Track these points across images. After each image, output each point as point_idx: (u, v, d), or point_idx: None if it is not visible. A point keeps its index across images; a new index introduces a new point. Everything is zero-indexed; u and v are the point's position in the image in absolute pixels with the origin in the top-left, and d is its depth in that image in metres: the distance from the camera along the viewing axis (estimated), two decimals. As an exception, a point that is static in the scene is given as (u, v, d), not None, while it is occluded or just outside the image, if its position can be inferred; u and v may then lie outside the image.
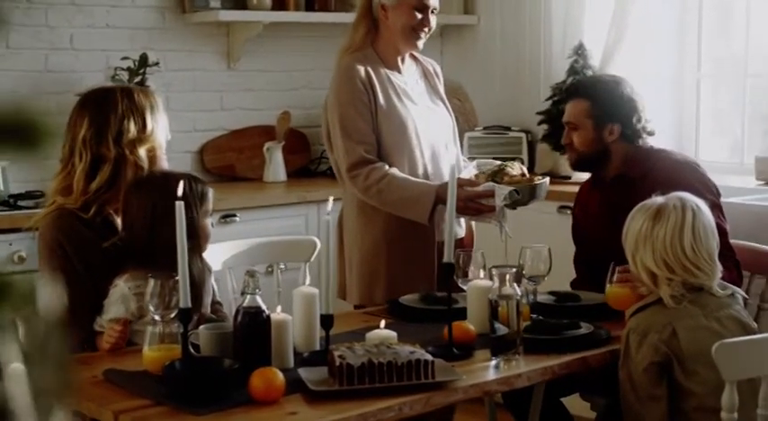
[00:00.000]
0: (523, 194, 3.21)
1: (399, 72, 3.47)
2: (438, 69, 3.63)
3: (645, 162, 3.26)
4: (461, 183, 3.13)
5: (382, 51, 3.45)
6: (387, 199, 3.29)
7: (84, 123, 2.78)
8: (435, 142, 3.43)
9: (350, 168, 3.32)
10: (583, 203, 3.49)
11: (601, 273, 2.94)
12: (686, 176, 3.18)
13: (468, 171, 3.40)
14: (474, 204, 3.21)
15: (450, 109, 3.60)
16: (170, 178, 2.69)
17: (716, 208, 3.07)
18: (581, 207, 3.50)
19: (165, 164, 2.88)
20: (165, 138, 2.89)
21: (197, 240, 2.71)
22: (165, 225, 2.47)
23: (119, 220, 2.81)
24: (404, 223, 3.31)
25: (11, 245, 3.89)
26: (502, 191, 3.18)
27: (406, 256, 3.38)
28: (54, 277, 2.72)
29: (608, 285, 2.87)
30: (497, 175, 3.28)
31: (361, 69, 3.37)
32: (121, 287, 2.65)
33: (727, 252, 2.98)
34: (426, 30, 3.41)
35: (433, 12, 3.42)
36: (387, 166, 3.30)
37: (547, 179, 3.32)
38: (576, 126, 3.32)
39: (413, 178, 3.32)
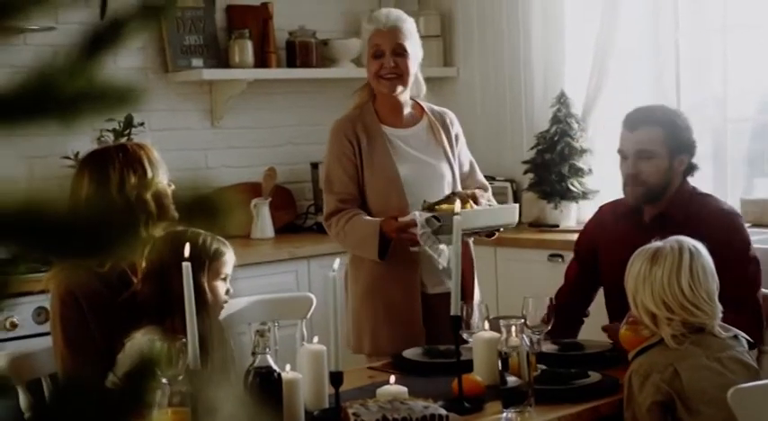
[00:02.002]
0: (446, 221, 3.11)
1: (399, 126, 3.51)
2: (449, 119, 3.63)
3: (690, 204, 3.19)
4: (393, 216, 3.27)
5: (379, 107, 3.53)
6: (348, 242, 3.43)
7: (83, 182, 2.76)
8: (425, 196, 3.39)
9: (326, 218, 3.48)
10: (610, 242, 3.29)
11: (621, 312, 2.91)
12: (736, 228, 3.15)
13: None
14: (407, 234, 3.22)
15: (457, 160, 3.58)
16: (182, 236, 2.68)
17: (756, 262, 3.11)
18: (608, 245, 3.30)
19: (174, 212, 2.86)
20: (169, 186, 2.88)
21: (202, 302, 2.69)
22: (176, 284, 2.45)
23: (134, 276, 2.79)
24: (388, 273, 3.36)
25: (1, 311, 3.83)
26: (420, 218, 3.17)
27: (390, 307, 3.40)
28: (68, 334, 2.69)
29: (622, 328, 2.86)
30: (440, 204, 3.25)
31: (350, 126, 3.47)
32: (138, 340, 2.61)
33: (754, 305, 3.01)
34: (391, 73, 3.43)
35: (399, 54, 3.43)
36: (355, 211, 3.38)
37: (491, 207, 3.29)
38: (649, 155, 3.18)
39: (369, 218, 3.36)
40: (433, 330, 3.38)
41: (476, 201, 3.31)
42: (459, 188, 3.53)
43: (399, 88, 3.46)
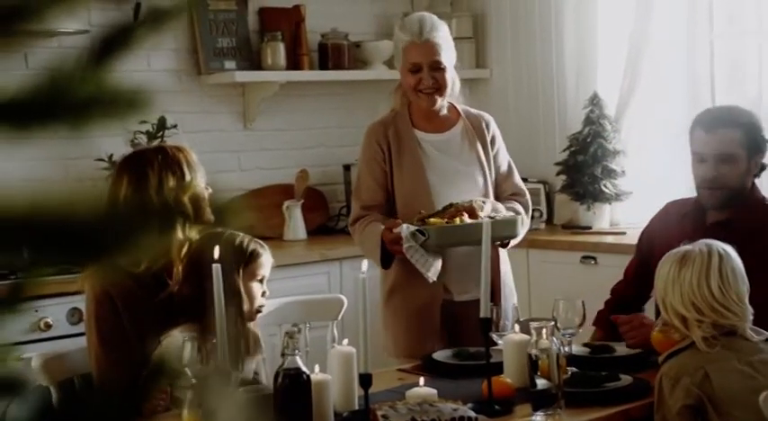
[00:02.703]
0: (432, 235, 3.11)
1: (432, 131, 3.49)
2: (485, 122, 3.58)
3: (756, 214, 3.10)
4: (387, 227, 3.26)
5: (414, 111, 3.50)
6: (362, 249, 3.45)
7: (123, 183, 2.79)
8: (450, 198, 3.34)
9: (350, 224, 3.51)
10: (667, 239, 3.08)
11: None
12: None
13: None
14: (397, 246, 3.21)
15: (492, 164, 3.52)
16: (219, 237, 2.71)
17: None
18: (664, 242, 3.09)
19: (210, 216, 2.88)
20: (207, 189, 2.90)
21: (238, 303, 2.70)
22: (209, 284, 2.47)
23: (172, 277, 2.81)
24: (412, 278, 3.31)
25: (36, 311, 3.88)
26: (406, 231, 3.14)
27: (409, 312, 3.40)
28: (102, 333, 2.71)
29: (654, 331, 2.84)
30: (435, 216, 3.21)
31: (382, 130, 3.46)
32: (175, 338, 2.63)
33: None
34: (429, 88, 3.39)
35: (436, 69, 3.38)
36: (374, 217, 3.38)
37: (480, 222, 3.09)
38: (730, 158, 3.08)
39: (376, 227, 3.33)
40: (456, 338, 3.34)
41: (472, 214, 3.19)
42: (492, 194, 3.47)
43: (439, 101, 3.44)
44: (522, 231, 3.40)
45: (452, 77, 3.46)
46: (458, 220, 3.15)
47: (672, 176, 4.87)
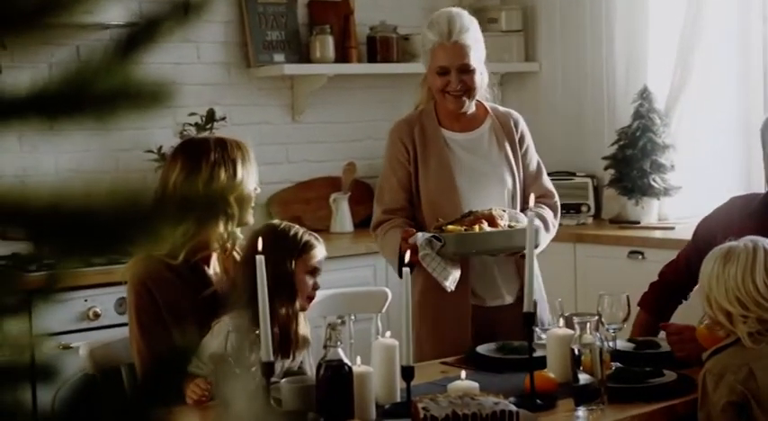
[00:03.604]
0: (449, 243, 3.03)
1: (460, 130, 3.38)
2: (514, 120, 3.46)
3: None
4: (404, 237, 3.16)
5: (440, 109, 3.38)
6: (384, 255, 3.37)
7: (176, 168, 2.82)
8: (483, 206, 3.26)
9: (372, 229, 3.39)
10: (730, 234, 2.95)
11: None
12: None
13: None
14: (415, 257, 3.05)
15: (521, 164, 3.42)
16: (275, 228, 2.74)
17: None
18: (727, 236, 2.95)
19: (251, 217, 2.91)
20: (255, 190, 2.93)
21: (290, 293, 2.73)
22: (266, 273, 2.49)
23: (209, 270, 2.84)
24: (437, 285, 3.16)
25: (86, 301, 3.93)
26: (421, 239, 3.06)
27: (437, 318, 3.30)
28: (141, 321, 2.75)
29: (700, 325, 2.82)
30: (453, 223, 3.12)
31: (408, 129, 3.36)
32: (226, 322, 2.66)
33: None
34: (457, 91, 3.27)
35: (465, 71, 3.26)
36: (396, 222, 3.28)
37: (502, 230, 3.07)
38: None
39: (396, 233, 3.23)
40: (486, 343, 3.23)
41: (492, 222, 3.11)
42: (519, 196, 3.37)
43: (467, 103, 3.32)
44: (548, 237, 3.35)
45: (481, 77, 3.33)
46: (477, 228, 3.07)
47: (722, 171, 4.83)
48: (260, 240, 2.46)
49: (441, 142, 3.35)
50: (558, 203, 3.50)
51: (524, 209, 3.37)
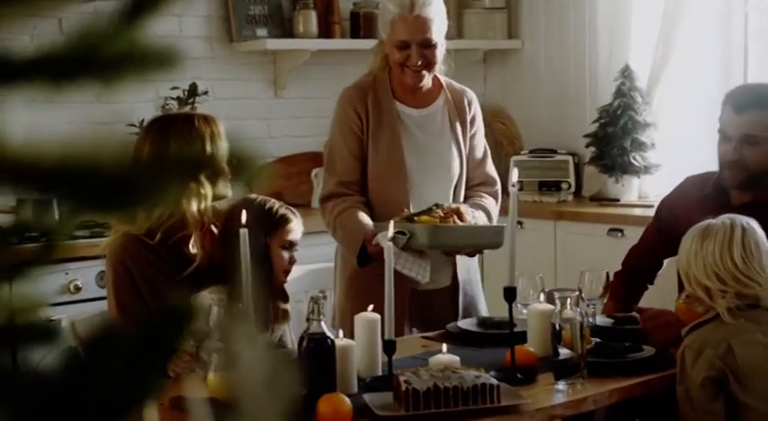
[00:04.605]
0: (422, 234, 2.91)
1: (414, 104, 3.29)
2: (469, 99, 3.37)
3: None
4: (367, 240, 3.06)
5: (395, 79, 3.28)
6: (337, 237, 3.25)
7: (145, 148, 2.82)
8: (428, 188, 3.25)
9: (321, 200, 3.30)
10: (694, 219, 2.97)
11: None
12: None
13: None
14: (378, 254, 2.96)
15: (468, 146, 3.34)
16: (250, 202, 2.75)
17: None
18: (691, 222, 2.98)
19: (229, 192, 2.91)
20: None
21: (266, 267, 2.74)
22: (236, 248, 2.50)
23: (191, 250, 2.85)
24: (376, 265, 3.02)
25: (67, 274, 3.93)
26: (383, 241, 2.82)
27: (372, 301, 2.99)
28: (120, 300, 2.76)
29: (679, 300, 2.84)
30: (420, 215, 3.00)
31: (360, 96, 3.25)
32: (205, 297, 2.67)
33: None
34: (417, 66, 3.18)
35: (426, 46, 3.16)
36: (352, 202, 3.18)
37: (475, 225, 3.00)
38: (756, 141, 3.01)
39: (360, 218, 3.13)
40: (423, 326, 3.23)
41: (461, 217, 3.03)
42: (463, 179, 3.32)
43: (426, 78, 3.24)
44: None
45: (441, 51, 3.24)
46: (451, 221, 2.98)
47: (701, 150, 4.85)
48: (243, 213, 2.47)
49: (394, 116, 3.25)
50: (500, 190, 3.42)
51: (467, 197, 3.35)
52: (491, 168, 3.44)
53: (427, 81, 3.27)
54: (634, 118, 4.89)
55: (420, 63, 3.18)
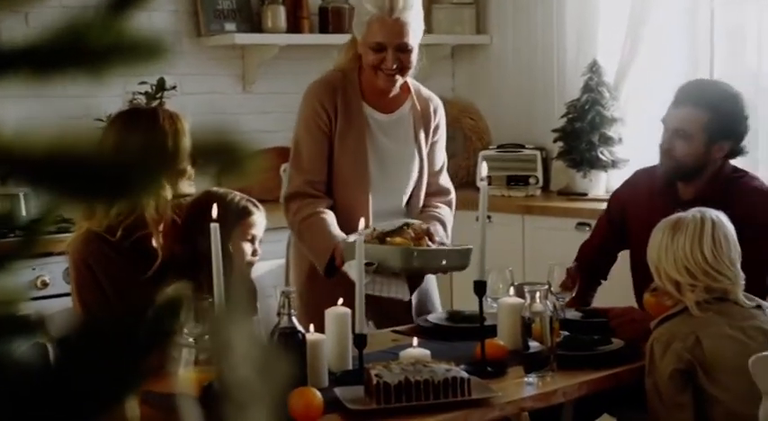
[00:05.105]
0: (391, 258, 2.85)
1: (381, 108, 3.25)
2: (435, 107, 3.34)
3: (727, 186, 3.12)
4: (338, 252, 3.02)
5: (365, 82, 3.22)
6: (302, 241, 3.19)
7: (108, 141, 2.79)
8: (388, 196, 3.24)
9: (286, 199, 3.23)
10: (643, 213, 3.20)
11: (647, 284, 2.92)
12: (765, 209, 3.06)
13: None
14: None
15: (427, 155, 3.31)
16: (212, 195, 2.73)
17: None
18: (640, 216, 3.22)
19: (191, 189, 2.89)
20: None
21: (227, 261, 2.73)
22: (203, 243, 2.50)
23: (150, 245, 2.83)
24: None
25: (34, 269, 3.91)
26: (351, 272, 2.83)
27: (325, 298, 2.93)
28: (83, 298, 2.76)
29: (646, 294, 2.88)
30: (392, 234, 2.93)
31: (329, 94, 3.18)
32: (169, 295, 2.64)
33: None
34: (391, 70, 3.11)
35: (402, 50, 3.10)
36: (319, 206, 3.13)
37: (445, 247, 2.95)
38: (685, 136, 3.11)
39: (330, 228, 3.09)
40: (374, 322, 3.18)
41: (431, 239, 2.98)
42: (422, 188, 3.31)
43: (399, 82, 3.18)
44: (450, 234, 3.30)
45: (417, 56, 3.18)
46: (424, 243, 2.93)
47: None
48: (214, 207, 2.46)
49: (362, 119, 3.20)
50: (454, 200, 3.42)
51: (423, 206, 3.32)
52: (446, 179, 3.42)
53: (399, 85, 3.22)
54: (602, 113, 4.92)
55: (395, 67, 3.11)
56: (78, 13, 0.51)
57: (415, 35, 3.14)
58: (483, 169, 2.65)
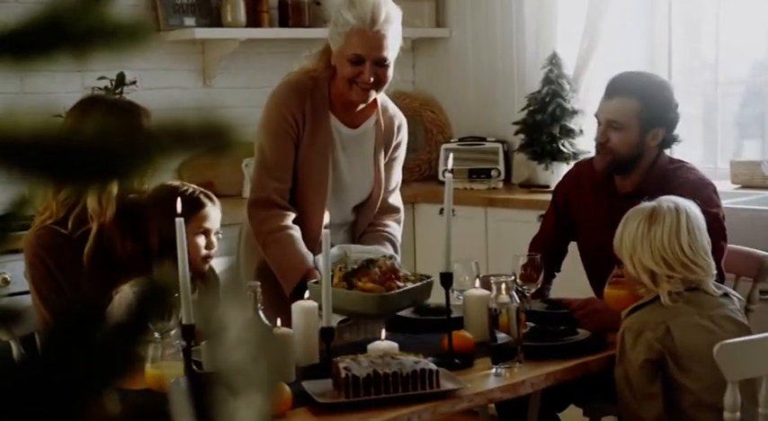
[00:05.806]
0: (363, 305, 2.76)
1: (347, 122, 3.19)
2: (398, 125, 3.29)
3: (664, 177, 3.13)
4: (309, 276, 2.94)
5: (334, 92, 3.14)
6: (268, 255, 3.09)
7: (68, 123, 2.77)
8: (339, 203, 3.20)
9: (253, 203, 3.14)
10: (584, 207, 3.27)
11: (600, 276, 2.96)
12: (704, 201, 2.99)
13: (333, 254, 2.87)
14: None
15: (384, 173, 3.26)
16: (166, 189, 2.72)
17: (722, 230, 3.05)
18: (582, 210, 3.30)
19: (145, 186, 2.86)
20: None
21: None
22: (154, 236, 2.49)
23: (102, 236, 2.81)
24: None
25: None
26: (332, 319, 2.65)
27: (273, 294, 2.93)
28: (40, 291, 2.74)
29: (606, 287, 2.89)
30: (357, 274, 2.83)
31: (298, 101, 3.10)
32: (126, 292, 2.63)
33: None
34: (367, 84, 3.03)
35: (380, 64, 3.03)
36: (285, 219, 3.07)
37: (413, 286, 2.84)
38: (619, 126, 3.13)
39: (297, 247, 3.03)
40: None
41: (396, 275, 2.85)
42: (375, 206, 3.26)
43: (373, 96, 3.11)
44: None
45: (392, 72, 3.10)
46: (394, 286, 2.80)
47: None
48: (179, 201, 2.44)
49: (329, 131, 3.14)
50: (402, 217, 3.39)
51: (371, 224, 3.28)
52: (397, 198, 3.37)
53: (370, 99, 3.14)
54: (562, 105, 4.94)
55: (372, 81, 3.04)
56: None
57: (393, 50, 3.07)
58: (449, 161, 2.65)
